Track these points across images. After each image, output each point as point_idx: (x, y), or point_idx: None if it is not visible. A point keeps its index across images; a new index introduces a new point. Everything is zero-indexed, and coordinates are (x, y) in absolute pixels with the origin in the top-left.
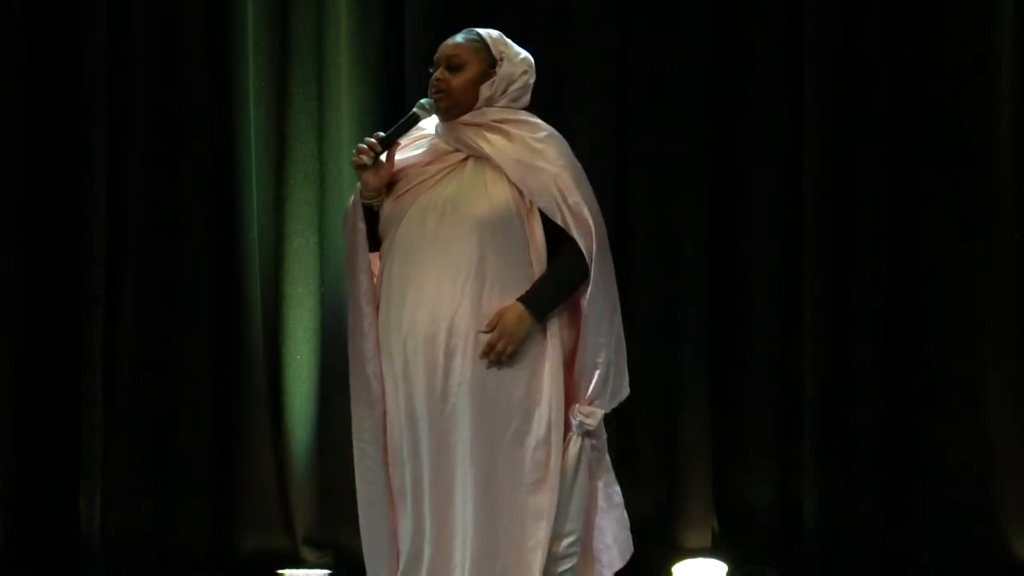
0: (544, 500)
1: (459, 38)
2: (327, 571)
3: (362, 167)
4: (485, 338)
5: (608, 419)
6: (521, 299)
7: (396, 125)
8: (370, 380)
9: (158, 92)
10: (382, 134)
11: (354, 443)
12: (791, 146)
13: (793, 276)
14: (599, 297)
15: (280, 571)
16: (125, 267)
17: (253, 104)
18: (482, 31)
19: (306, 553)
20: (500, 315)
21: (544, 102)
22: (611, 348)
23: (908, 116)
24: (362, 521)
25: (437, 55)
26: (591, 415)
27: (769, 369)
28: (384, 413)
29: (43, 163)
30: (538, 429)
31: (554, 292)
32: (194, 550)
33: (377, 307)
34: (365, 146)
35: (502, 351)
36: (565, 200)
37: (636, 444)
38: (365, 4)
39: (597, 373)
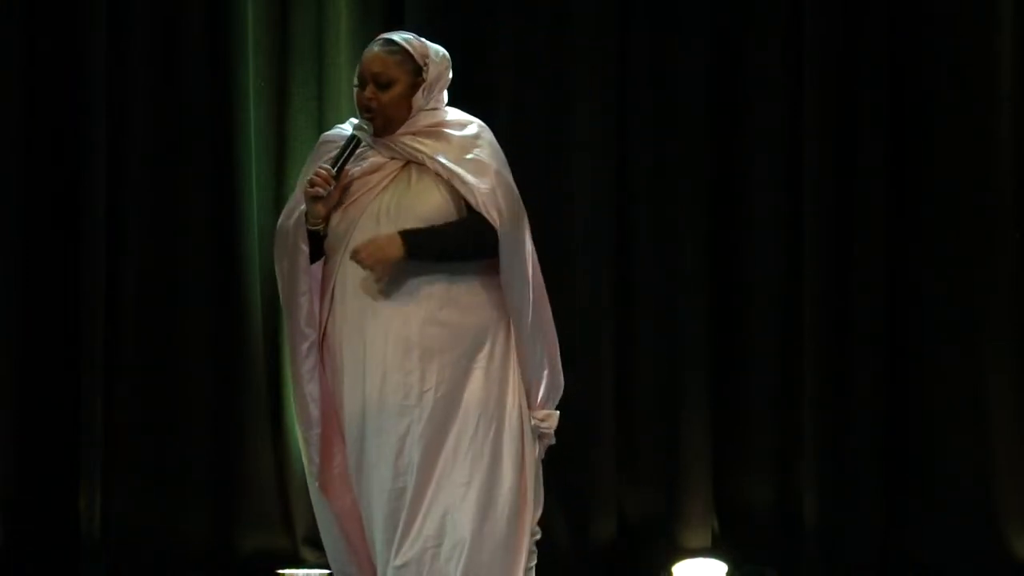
0: (526, 500)
1: (381, 52)
2: (327, 571)
3: (317, 198)
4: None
5: (609, 419)
6: (403, 231)
7: (342, 153)
8: (307, 402)
9: (158, 92)
10: (329, 166)
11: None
12: (791, 146)
13: (793, 276)
14: (519, 290)
15: (280, 571)
16: (125, 267)
17: (253, 104)
18: (400, 39)
19: (306, 553)
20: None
21: (544, 102)
22: (549, 348)
23: (908, 116)
24: (324, 540)
25: (360, 71)
26: (548, 418)
27: (769, 369)
28: (320, 434)
29: (43, 163)
30: (511, 431)
31: (439, 242)
32: (194, 550)
33: (316, 326)
34: (319, 178)
35: (362, 259)
36: (491, 184)
37: (636, 444)
38: (365, 4)
39: (545, 374)
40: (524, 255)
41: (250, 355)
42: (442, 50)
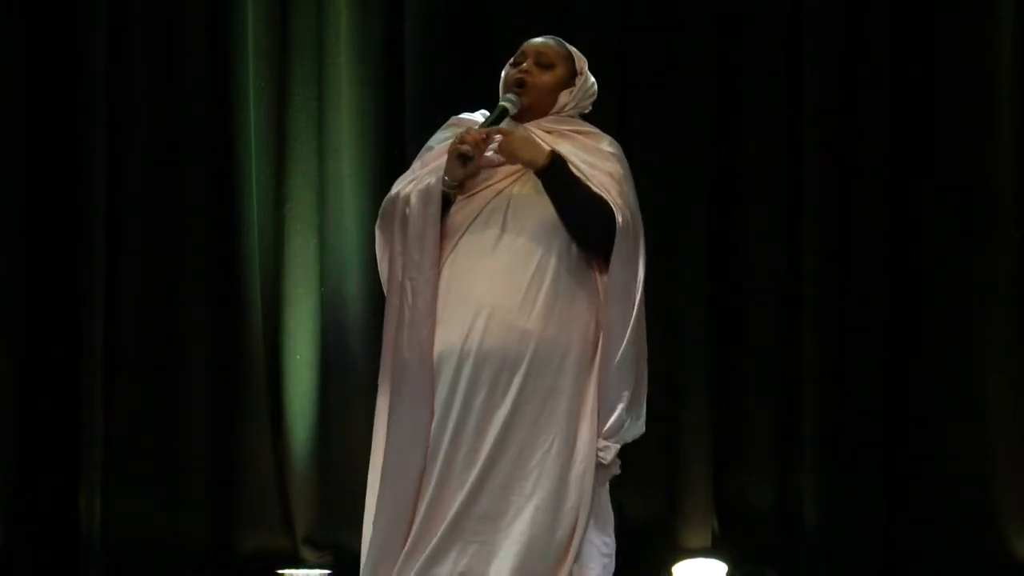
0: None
1: (550, 41)
2: (327, 571)
3: (466, 157)
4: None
5: None
6: (555, 150)
7: (490, 118)
8: (427, 379)
9: (158, 92)
10: (478, 128)
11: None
12: (791, 146)
13: (793, 276)
14: (631, 296)
15: (280, 571)
16: (125, 267)
17: (253, 104)
18: (568, 44)
19: (306, 553)
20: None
21: None
22: (634, 385)
23: (908, 116)
24: (383, 494)
25: (523, 49)
26: (606, 449)
27: (769, 369)
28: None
29: (43, 163)
30: (580, 452)
31: (575, 185)
32: (194, 550)
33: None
34: (471, 137)
35: (506, 143)
36: (610, 194)
37: (636, 444)
38: (365, 4)
39: (620, 407)
40: (635, 271)
41: (250, 355)
42: (593, 79)
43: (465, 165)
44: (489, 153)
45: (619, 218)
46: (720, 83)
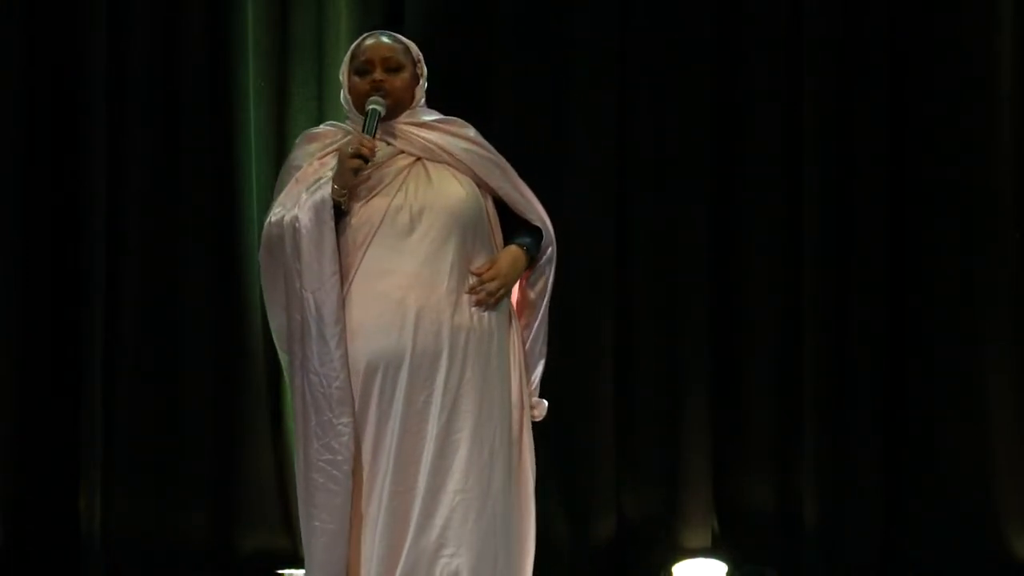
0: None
1: (387, 40)
2: None
3: (363, 164)
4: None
5: (608, 419)
6: (516, 243)
7: (367, 123)
8: (342, 390)
9: (158, 92)
10: (366, 135)
11: (310, 465)
12: (791, 146)
13: (793, 276)
14: (547, 288)
15: (280, 571)
16: (125, 267)
17: (253, 104)
18: (401, 36)
19: None
20: (493, 260)
21: (544, 101)
22: (545, 337)
23: (908, 116)
24: (316, 548)
25: (366, 57)
26: (539, 406)
27: (769, 369)
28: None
29: (43, 163)
30: (515, 422)
31: (536, 247)
32: (194, 550)
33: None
34: (365, 146)
35: (494, 291)
36: (519, 190)
37: (636, 444)
38: (365, 4)
39: (541, 364)
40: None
41: (250, 355)
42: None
43: (357, 174)
44: (376, 156)
45: (547, 244)
46: (720, 83)
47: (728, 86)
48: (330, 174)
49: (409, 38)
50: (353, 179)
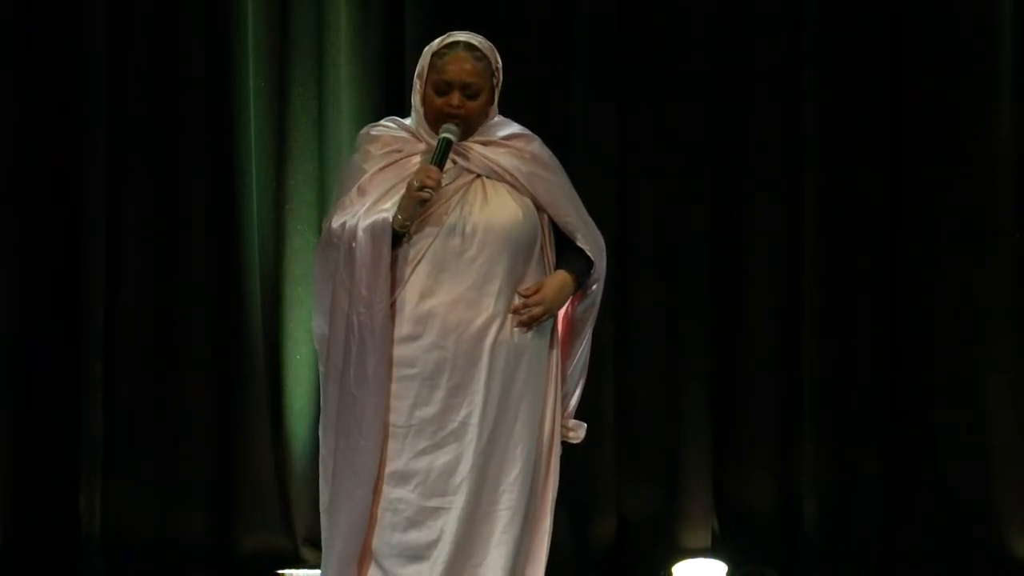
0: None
1: (471, 60)
2: None
3: (427, 200)
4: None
5: (608, 419)
6: (566, 268)
7: (438, 154)
8: (375, 417)
9: (158, 92)
10: (435, 167)
11: (340, 486)
12: (791, 146)
13: (793, 276)
14: (594, 313)
15: (280, 571)
16: (125, 267)
17: (253, 104)
18: (479, 43)
19: (306, 553)
20: (541, 283)
21: (544, 101)
22: (585, 359)
23: (908, 116)
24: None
25: (450, 78)
26: (577, 428)
27: (769, 369)
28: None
29: (43, 163)
30: (545, 444)
31: (585, 275)
32: (194, 550)
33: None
34: (431, 180)
35: (537, 316)
36: (580, 216)
37: (636, 444)
38: (365, 4)
39: (581, 385)
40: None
41: (250, 355)
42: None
43: (423, 204)
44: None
45: (600, 272)
46: (720, 83)
47: (728, 87)
48: (395, 199)
49: (411, 38)
50: (419, 210)
